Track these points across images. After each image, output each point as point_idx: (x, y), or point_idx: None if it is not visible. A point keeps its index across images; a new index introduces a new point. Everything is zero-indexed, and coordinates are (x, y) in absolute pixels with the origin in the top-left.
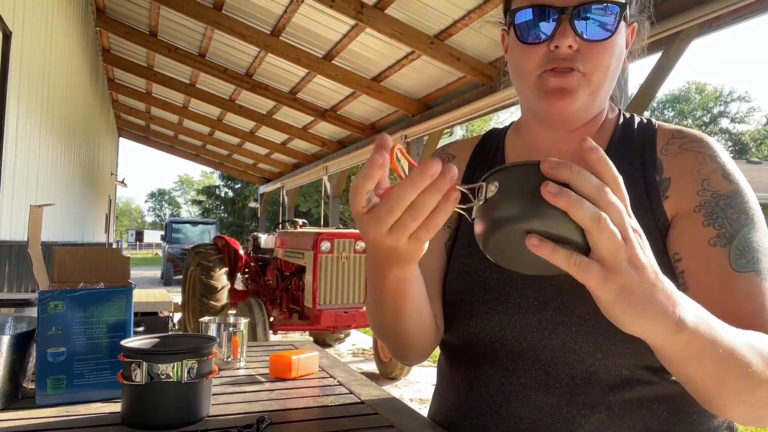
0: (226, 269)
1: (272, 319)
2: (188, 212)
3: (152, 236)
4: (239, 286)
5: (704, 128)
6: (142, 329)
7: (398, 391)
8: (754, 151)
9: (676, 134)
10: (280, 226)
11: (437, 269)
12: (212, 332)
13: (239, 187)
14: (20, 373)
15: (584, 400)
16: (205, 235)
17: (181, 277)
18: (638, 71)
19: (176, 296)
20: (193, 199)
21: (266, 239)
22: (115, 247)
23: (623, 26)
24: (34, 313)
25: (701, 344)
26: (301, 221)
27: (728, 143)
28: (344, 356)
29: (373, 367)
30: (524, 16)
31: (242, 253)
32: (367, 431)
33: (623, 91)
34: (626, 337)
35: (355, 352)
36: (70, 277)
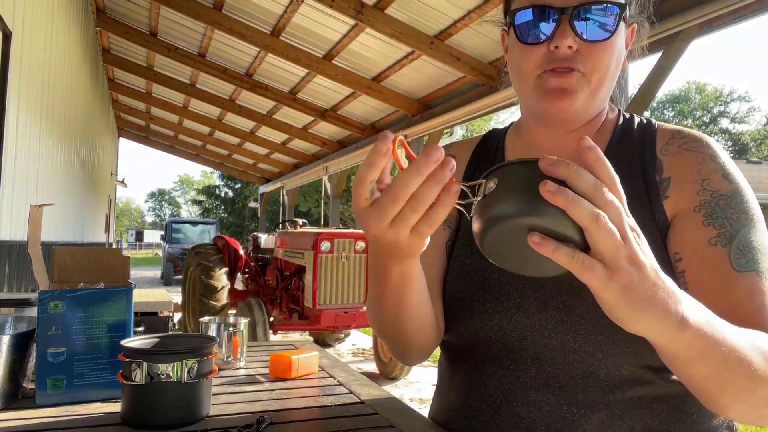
0: (226, 269)
1: (272, 319)
2: (188, 212)
3: (152, 236)
4: (239, 286)
5: (704, 128)
6: (142, 329)
7: (398, 391)
8: (754, 151)
9: (675, 134)
10: (280, 226)
11: (438, 269)
12: (212, 332)
13: (239, 187)
14: (20, 373)
15: (584, 399)
16: (205, 235)
17: (181, 277)
18: (638, 71)
19: (176, 296)
20: (193, 199)
21: (266, 239)
22: (115, 247)
23: (623, 27)
24: (34, 313)
25: (704, 342)
26: (301, 221)
27: (728, 143)
28: (344, 356)
29: (373, 367)
30: (524, 16)
31: (242, 253)
32: (367, 431)
33: (623, 91)
34: (626, 336)
35: (355, 352)
36: (70, 277)
